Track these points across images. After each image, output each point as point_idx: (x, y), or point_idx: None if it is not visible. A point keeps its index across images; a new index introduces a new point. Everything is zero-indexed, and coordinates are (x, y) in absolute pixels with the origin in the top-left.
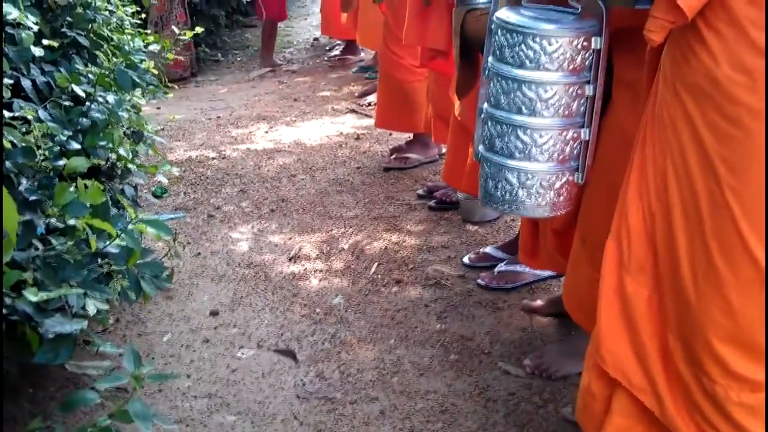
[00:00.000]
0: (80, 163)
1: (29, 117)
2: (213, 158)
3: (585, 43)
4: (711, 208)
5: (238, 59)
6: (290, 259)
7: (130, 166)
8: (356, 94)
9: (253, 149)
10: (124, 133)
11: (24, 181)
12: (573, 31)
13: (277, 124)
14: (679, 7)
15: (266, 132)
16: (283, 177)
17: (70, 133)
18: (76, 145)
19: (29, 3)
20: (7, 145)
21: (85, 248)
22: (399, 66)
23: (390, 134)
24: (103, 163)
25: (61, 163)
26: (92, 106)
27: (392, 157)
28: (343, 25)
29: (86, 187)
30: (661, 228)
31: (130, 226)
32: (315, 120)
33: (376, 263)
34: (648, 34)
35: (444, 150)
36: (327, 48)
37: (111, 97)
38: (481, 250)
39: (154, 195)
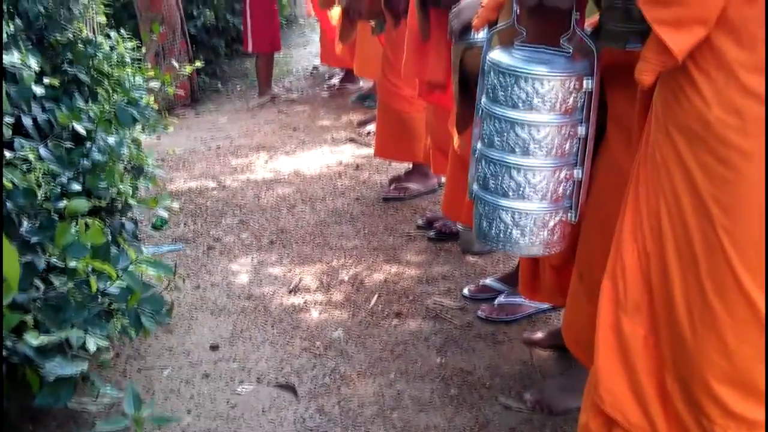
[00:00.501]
0: (81, 205)
1: (30, 157)
2: (213, 188)
3: (577, 85)
4: (705, 248)
5: (238, 88)
6: (290, 291)
7: (130, 201)
8: (355, 123)
9: (253, 179)
10: (125, 168)
11: (25, 222)
12: (565, 73)
13: (277, 154)
14: (670, 50)
15: (266, 162)
16: (282, 207)
17: (72, 175)
18: (77, 187)
19: (30, 44)
20: (8, 185)
21: (86, 289)
22: (398, 96)
23: (389, 164)
24: (104, 204)
25: (62, 204)
26: (93, 147)
27: (391, 187)
28: (340, 55)
29: (87, 226)
30: (656, 268)
31: (131, 267)
32: (314, 149)
33: (376, 295)
34: (639, 75)
35: (443, 180)
36: (326, 76)
37: (112, 139)
38: (481, 281)
39: (154, 227)
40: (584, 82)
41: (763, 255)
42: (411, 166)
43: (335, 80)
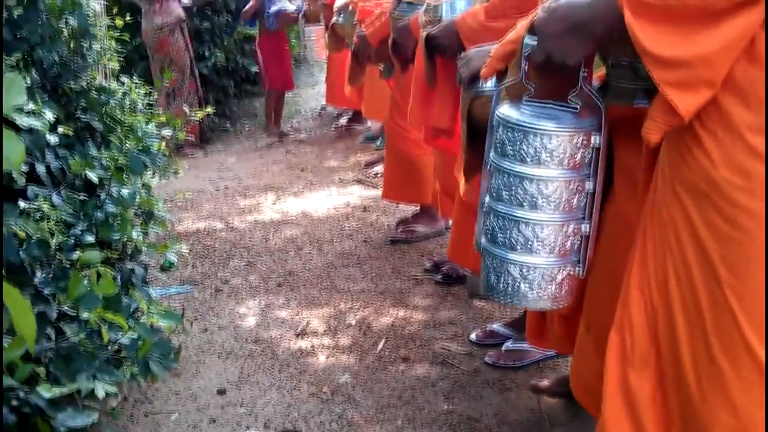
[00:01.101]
0: (94, 257)
1: (44, 208)
2: (221, 230)
3: (585, 141)
4: (712, 306)
5: (247, 128)
6: (297, 335)
7: (140, 247)
8: (363, 164)
9: (261, 220)
10: (135, 213)
11: (38, 272)
12: (573, 129)
13: (285, 195)
14: (677, 111)
15: (274, 203)
16: (290, 249)
17: (85, 226)
18: (90, 238)
19: (45, 95)
20: (21, 234)
21: (97, 339)
22: (406, 139)
23: (397, 205)
24: (116, 256)
25: (75, 255)
26: (107, 198)
27: (399, 229)
28: (348, 96)
29: (98, 276)
30: (663, 323)
31: (142, 318)
32: (322, 190)
33: (384, 339)
34: (646, 134)
35: (450, 222)
36: (334, 116)
37: (125, 190)
38: (488, 327)
39: (162, 268)
40: (592, 137)
41: None
42: (418, 208)
43: (343, 120)
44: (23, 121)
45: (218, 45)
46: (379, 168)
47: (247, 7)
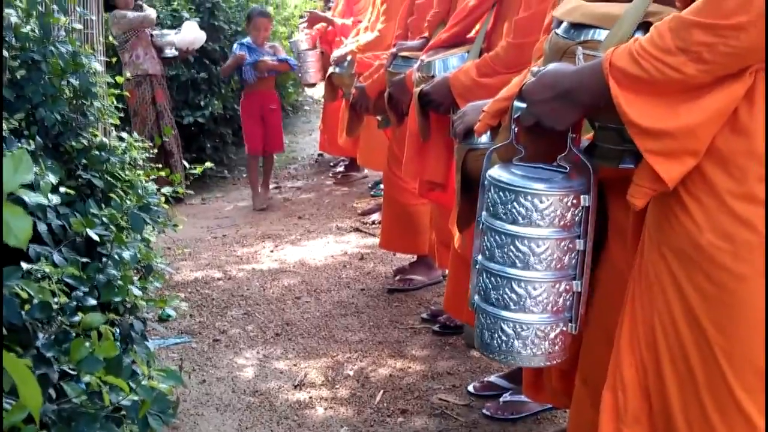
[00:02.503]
0: (96, 320)
1: (46, 270)
2: (218, 279)
3: (575, 201)
4: (702, 365)
5: (244, 175)
6: (295, 387)
7: (139, 302)
8: (359, 212)
9: (259, 269)
10: (134, 268)
11: (40, 335)
12: (563, 190)
13: (282, 243)
14: (661, 178)
15: (271, 251)
16: (288, 299)
17: (87, 289)
18: (92, 301)
19: (49, 157)
20: (24, 295)
21: (98, 401)
22: (403, 189)
23: (394, 254)
24: (118, 318)
25: (77, 318)
26: (108, 261)
27: (396, 278)
28: (342, 144)
29: (99, 335)
30: (653, 381)
31: (144, 381)
32: (319, 239)
33: (382, 391)
34: (631, 199)
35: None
36: (331, 164)
37: (127, 254)
38: (486, 378)
39: (160, 318)
40: (581, 198)
41: (762, 377)
42: (416, 257)
43: (340, 168)
44: (31, 199)
45: (215, 93)
46: (376, 216)
47: (225, 64)
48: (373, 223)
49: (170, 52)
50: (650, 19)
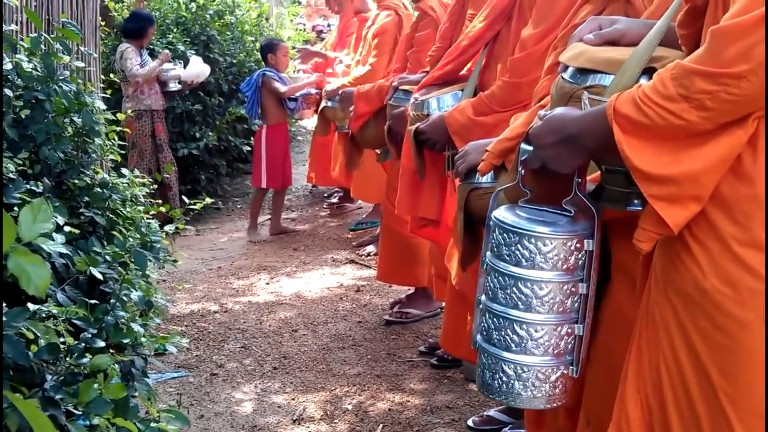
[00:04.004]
0: (105, 361)
1: (54, 311)
2: (215, 312)
3: (578, 245)
4: (707, 408)
5: (239, 206)
6: (294, 421)
7: (141, 340)
8: (354, 244)
9: (255, 302)
10: (135, 304)
11: (48, 377)
12: (567, 234)
13: (278, 275)
14: (666, 222)
15: (267, 283)
16: (284, 332)
17: (95, 331)
18: (100, 343)
19: (56, 203)
20: (29, 335)
21: None
22: (402, 221)
23: (390, 286)
24: (126, 360)
25: (85, 360)
26: (117, 304)
27: (393, 310)
28: (335, 177)
29: (105, 375)
30: (659, 423)
31: (152, 425)
32: (315, 270)
33: (381, 425)
34: (637, 243)
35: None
36: (325, 195)
37: (135, 295)
38: (486, 413)
39: (157, 352)
40: (585, 242)
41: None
42: (413, 289)
43: (334, 199)
44: (50, 248)
45: (210, 125)
46: (371, 248)
47: (293, 86)
48: (368, 254)
49: (174, 86)
50: (654, 65)
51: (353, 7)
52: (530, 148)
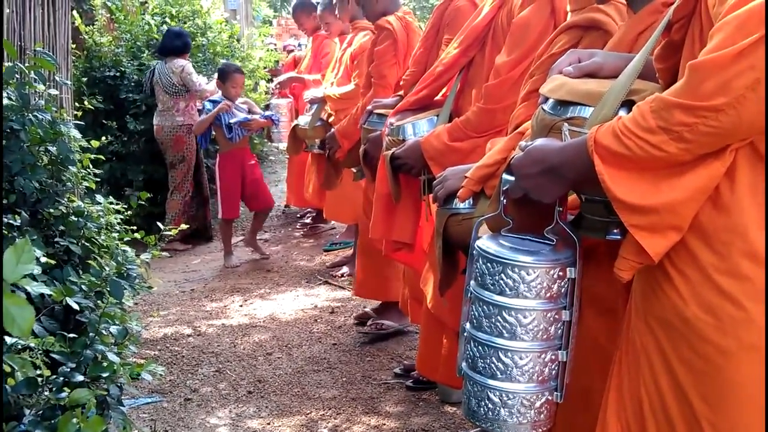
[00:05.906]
0: (83, 395)
1: (31, 344)
2: (188, 335)
3: (561, 273)
4: None
5: (212, 227)
6: None
7: (116, 368)
8: (328, 265)
9: (228, 324)
10: (110, 332)
11: (27, 411)
12: (550, 263)
13: (252, 297)
14: (646, 252)
15: (241, 306)
16: (259, 355)
17: (74, 365)
18: (80, 377)
19: (34, 236)
20: (6, 369)
21: None
22: None
23: (363, 307)
24: (104, 393)
25: (64, 395)
26: (96, 338)
27: (368, 324)
28: (308, 197)
29: (83, 408)
30: None
31: None
32: (289, 292)
33: None
34: (618, 272)
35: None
36: (298, 215)
37: (114, 328)
38: None
39: (131, 376)
40: (567, 270)
41: None
42: (380, 303)
43: (307, 220)
44: (33, 289)
45: None
46: (345, 269)
47: (200, 120)
48: (342, 275)
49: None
50: (633, 97)
51: (341, 27)
52: (512, 178)
